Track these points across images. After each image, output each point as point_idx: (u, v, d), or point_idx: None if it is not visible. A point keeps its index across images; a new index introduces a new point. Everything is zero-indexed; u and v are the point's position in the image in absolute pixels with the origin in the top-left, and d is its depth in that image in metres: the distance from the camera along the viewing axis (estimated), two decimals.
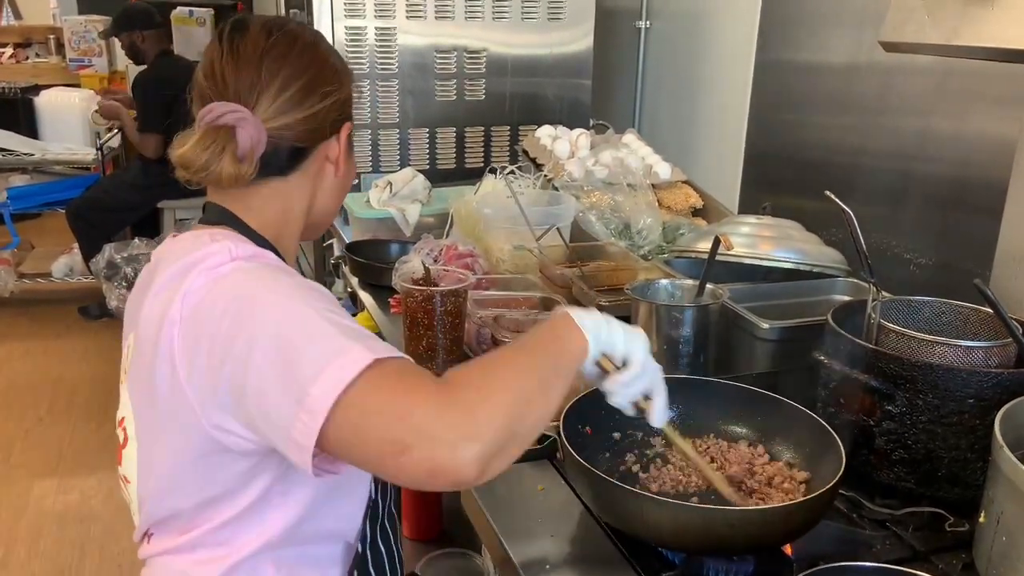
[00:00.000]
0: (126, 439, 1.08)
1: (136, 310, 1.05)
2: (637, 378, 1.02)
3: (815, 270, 1.69)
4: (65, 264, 4.83)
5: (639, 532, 1.06)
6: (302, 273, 3.30)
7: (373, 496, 1.14)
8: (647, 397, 1.05)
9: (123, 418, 1.09)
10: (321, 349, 0.86)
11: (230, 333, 0.90)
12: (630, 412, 1.06)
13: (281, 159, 1.07)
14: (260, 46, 1.06)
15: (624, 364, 1.01)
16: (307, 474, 0.87)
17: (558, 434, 1.14)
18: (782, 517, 1.03)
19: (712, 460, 1.23)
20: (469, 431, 0.82)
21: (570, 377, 0.97)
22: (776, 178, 2.50)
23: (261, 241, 1.07)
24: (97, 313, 4.60)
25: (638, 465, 1.24)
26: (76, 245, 4.64)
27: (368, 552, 1.14)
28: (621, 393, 1.03)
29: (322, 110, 1.08)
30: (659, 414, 1.05)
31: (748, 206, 2.50)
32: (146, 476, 1.06)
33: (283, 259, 1.07)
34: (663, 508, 1.03)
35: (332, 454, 0.87)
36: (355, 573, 1.12)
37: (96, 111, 4.67)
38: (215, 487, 1.00)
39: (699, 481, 1.19)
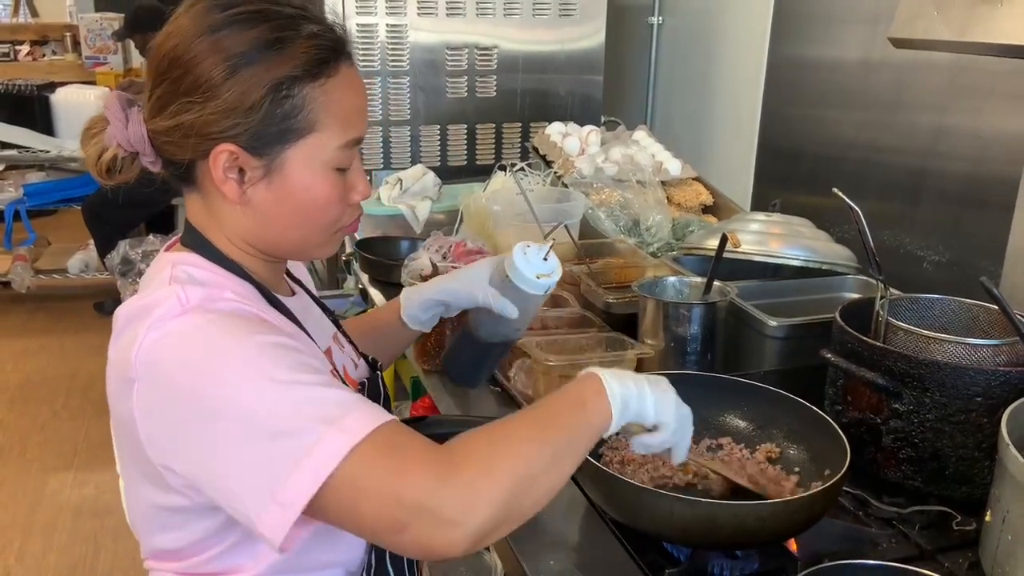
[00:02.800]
0: (118, 474, 1.04)
1: None
2: (665, 441, 0.98)
3: (824, 267, 1.68)
4: (81, 260, 4.87)
5: (662, 532, 1.06)
6: (312, 270, 3.26)
7: None
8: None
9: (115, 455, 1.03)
10: (292, 441, 0.79)
11: (185, 413, 0.83)
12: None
13: (176, 167, 0.97)
14: (166, 29, 0.93)
15: (655, 427, 0.97)
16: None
17: None
18: (792, 510, 1.03)
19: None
20: (467, 509, 0.78)
21: (587, 449, 0.92)
22: (789, 175, 2.49)
23: (228, 264, 0.97)
24: (112, 309, 4.60)
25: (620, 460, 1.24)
26: (91, 241, 4.68)
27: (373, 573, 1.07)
28: (642, 449, 0.99)
29: (180, 125, 0.91)
30: (682, 456, 1.02)
31: (761, 203, 2.49)
32: (133, 515, 1.02)
33: (259, 283, 0.99)
34: (695, 507, 1.01)
35: (322, 520, 0.83)
36: None
37: None
38: (200, 531, 0.94)
39: (681, 476, 1.19)
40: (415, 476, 0.78)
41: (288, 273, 1.14)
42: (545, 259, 1.17)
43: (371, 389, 1.12)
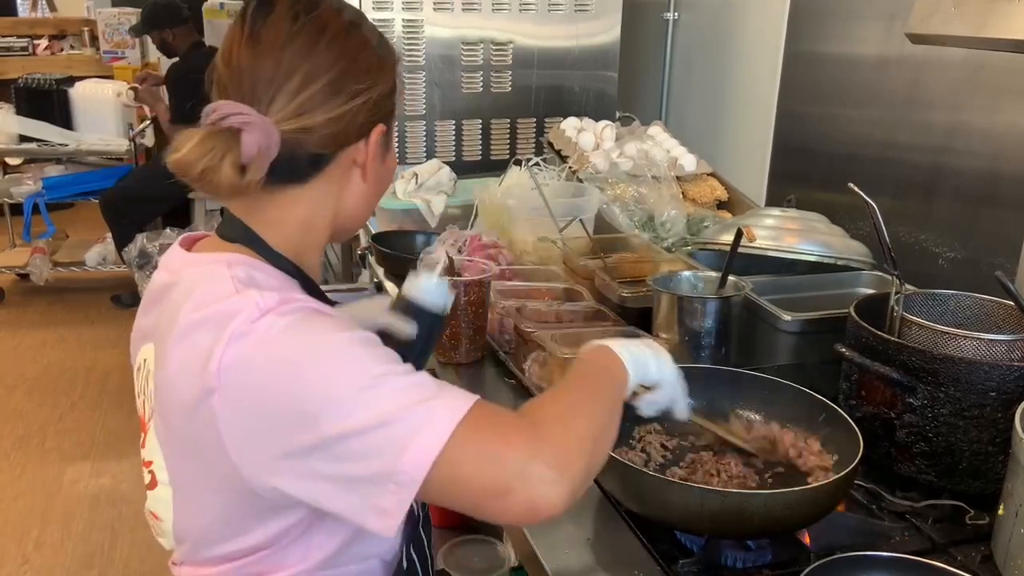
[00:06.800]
0: (154, 482, 1.01)
1: (151, 328, 0.98)
2: (665, 396, 1.10)
3: (839, 263, 1.68)
4: (98, 253, 4.91)
5: (690, 524, 1.07)
6: (327, 265, 3.27)
7: (415, 513, 1.09)
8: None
9: (150, 461, 1.00)
10: (399, 427, 0.81)
11: (289, 407, 0.83)
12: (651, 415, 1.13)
13: (299, 165, 0.95)
14: (283, 32, 0.93)
15: (655, 386, 1.08)
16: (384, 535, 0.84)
17: None
18: (819, 496, 1.05)
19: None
20: (563, 466, 0.83)
21: (620, 410, 1.01)
22: (804, 171, 2.49)
23: (282, 262, 0.97)
24: (129, 301, 4.68)
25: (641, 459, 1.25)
26: (109, 234, 4.72)
27: (403, 562, 1.08)
28: (650, 409, 1.10)
29: (348, 112, 0.95)
30: (684, 411, 1.14)
31: (775, 199, 2.49)
32: (185, 523, 0.99)
33: (308, 277, 1.00)
34: (725, 498, 1.03)
35: (424, 500, 0.86)
36: None
37: (133, 87, 4.73)
38: (260, 537, 0.94)
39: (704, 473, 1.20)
40: (513, 442, 0.83)
41: None
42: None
43: None
